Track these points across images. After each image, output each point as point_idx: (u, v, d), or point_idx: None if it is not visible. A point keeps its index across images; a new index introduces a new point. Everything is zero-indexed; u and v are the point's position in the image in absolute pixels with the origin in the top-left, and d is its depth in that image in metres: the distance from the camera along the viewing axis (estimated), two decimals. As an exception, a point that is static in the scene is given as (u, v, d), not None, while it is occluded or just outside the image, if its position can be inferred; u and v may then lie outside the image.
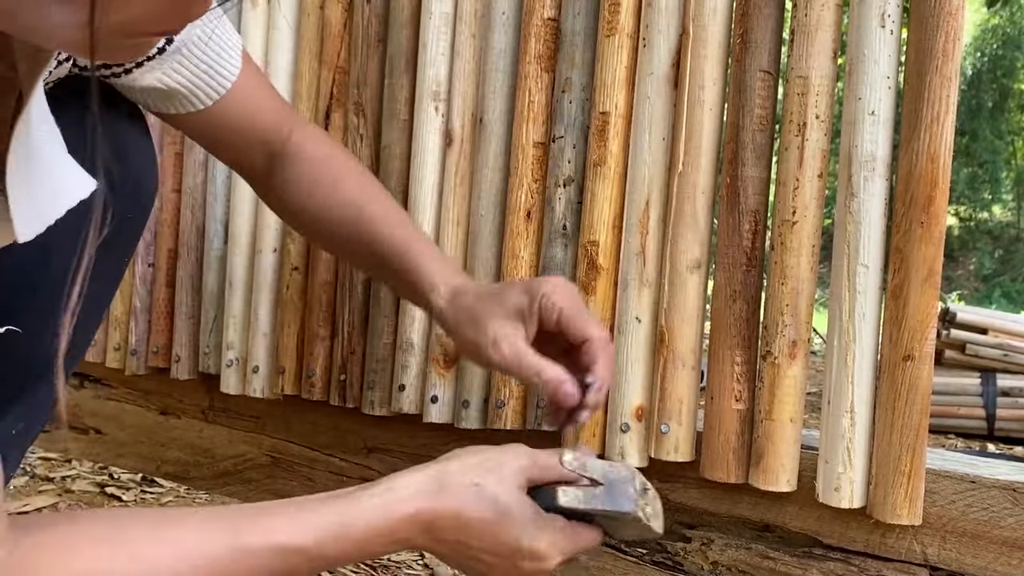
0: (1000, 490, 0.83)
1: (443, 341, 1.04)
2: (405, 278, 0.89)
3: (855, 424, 0.84)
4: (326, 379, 1.13)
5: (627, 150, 0.95)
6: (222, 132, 0.90)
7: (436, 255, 0.90)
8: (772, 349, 0.87)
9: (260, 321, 1.16)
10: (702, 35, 0.90)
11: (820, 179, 0.87)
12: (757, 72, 0.89)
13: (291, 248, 1.14)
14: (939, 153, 0.81)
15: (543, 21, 0.99)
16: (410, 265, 0.88)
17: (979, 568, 0.84)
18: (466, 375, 1.03)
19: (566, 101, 0.98)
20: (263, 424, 1.25)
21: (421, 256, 0.88)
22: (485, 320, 0.82)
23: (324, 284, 1.12)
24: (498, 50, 1.02)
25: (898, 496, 0.82)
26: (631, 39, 0.95)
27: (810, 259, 0.87)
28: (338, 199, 0.92)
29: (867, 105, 0.83)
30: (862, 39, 0.83)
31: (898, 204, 0.83)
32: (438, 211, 1.05)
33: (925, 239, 0.81)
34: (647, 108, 0.93)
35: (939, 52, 0.80)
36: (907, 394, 0.82)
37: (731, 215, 0.89)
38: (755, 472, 0.88)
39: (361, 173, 0.95)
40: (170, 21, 0.49)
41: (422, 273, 0.88)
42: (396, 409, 1.07)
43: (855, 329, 0.84)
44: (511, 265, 1.00)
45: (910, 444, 0.82)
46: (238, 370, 1.18)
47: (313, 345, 1.13)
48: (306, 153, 0.93)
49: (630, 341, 0.93)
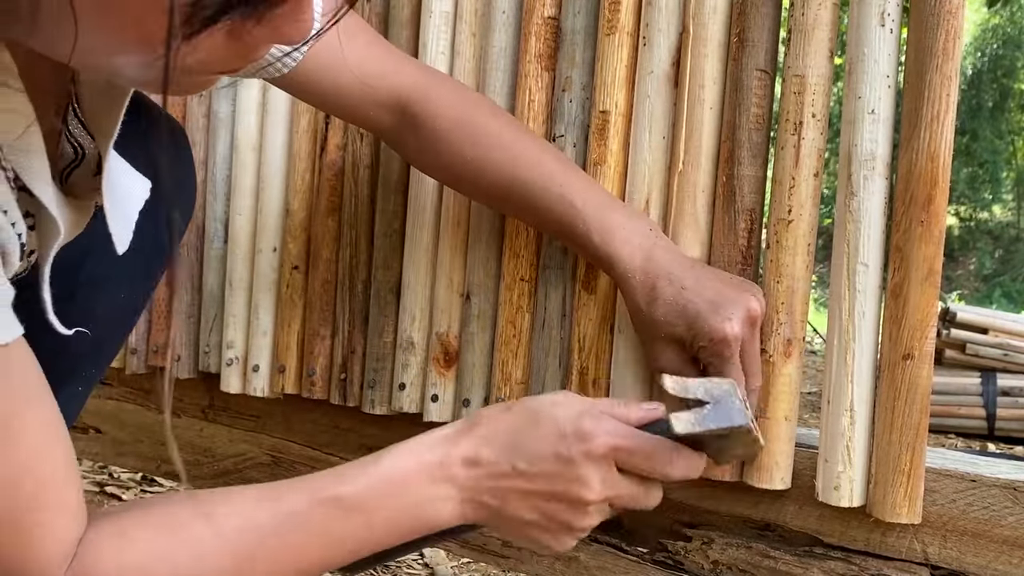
0: (1001, 489, 0.83)
1: (444, 340, 1.04)
2: (573, 234, 0.87)
3: (855, 423, 0.84)
4: (326, 378, 1.13)
5: (627, 149, 0.95)
6: (328, 96, 0.89)
7: (601, 201, 0.88)
8: (767, 347, 0.87)
9: (260, 320, 1.16)
10: (702, 34, 0.90)
11: (816, 178, 0.87)
12: (754, 71, 0.89)
13: (291, 247, 1.15)
14: (939, 152, 0.81)
15: (543, 20, 0.99)
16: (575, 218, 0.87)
17: (980, 567, 0.84)
18: (466, 374, 1.03)
19: (566, 100, 0.98)
20: (263, 423, 1.25)
21: (584, 207, 0.87)
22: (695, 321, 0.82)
23: (324, 283, 1.12)
24: (498, 49, 1.02)
25: (898, 495, 0.82)
26: (631, 38, 0.95)
27: (805, 258, 0.87)
28: (478, 167, 0.90)
29: (867, 104, 0.83)
30: (862, 38, 0.83)
31: (898, 203, 0.83)
32: (438, 210, 1.05)
33: (925, 238, 0.81)
34: (647, 107, 0.93)
35: (939, 51, 0.80)
36: (907, 393, 0.82)
37: (727, 214, 0.89)
38: (750, 470, 0.88)
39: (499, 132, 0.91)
40: (233, 63, 0.52)
41: (590, 223, 0.86)
42: (396, 408, 1.07)
43: (855, 328, 0.84)
44: (511, 265, 1.00)
45: (910, 443, 0.82)
46: (238, 369, 1.18)
47: (313, 344, 1.13)
48: (437, 120, 0.90)
49: (630, 340, 0.93)
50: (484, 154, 0.90)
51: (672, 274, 0.84)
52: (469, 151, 0.90)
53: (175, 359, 1.23)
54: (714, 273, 0.86)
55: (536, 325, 0.99)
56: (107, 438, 1.39)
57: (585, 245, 0.88)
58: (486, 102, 0.96)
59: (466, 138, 0.90)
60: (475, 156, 0.90)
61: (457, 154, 0.90)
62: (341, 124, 1.12)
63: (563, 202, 0.87)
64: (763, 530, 0.93)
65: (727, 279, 0.86)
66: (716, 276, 0.85)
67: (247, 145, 1.17)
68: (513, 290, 1.00)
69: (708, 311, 0.81)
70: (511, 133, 0.91)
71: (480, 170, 0.90)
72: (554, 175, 0.88)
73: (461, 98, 0.93)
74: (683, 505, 0.96)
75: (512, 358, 1.00)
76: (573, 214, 0.87)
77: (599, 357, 0.95)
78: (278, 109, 1.15)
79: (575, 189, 0.88)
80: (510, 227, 1.00)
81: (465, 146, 0.90)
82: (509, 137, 0.91)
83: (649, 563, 0.98)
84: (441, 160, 0.92)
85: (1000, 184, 12.55)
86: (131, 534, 0.62)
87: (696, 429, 0.67)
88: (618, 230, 0.86)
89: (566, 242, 0.93)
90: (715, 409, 0.68)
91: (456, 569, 1.44)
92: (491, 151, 0.90)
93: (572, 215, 0.87)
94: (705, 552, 0.95)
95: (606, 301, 0.95)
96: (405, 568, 1.41)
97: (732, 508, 0.94)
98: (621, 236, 0.86)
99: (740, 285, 0.85)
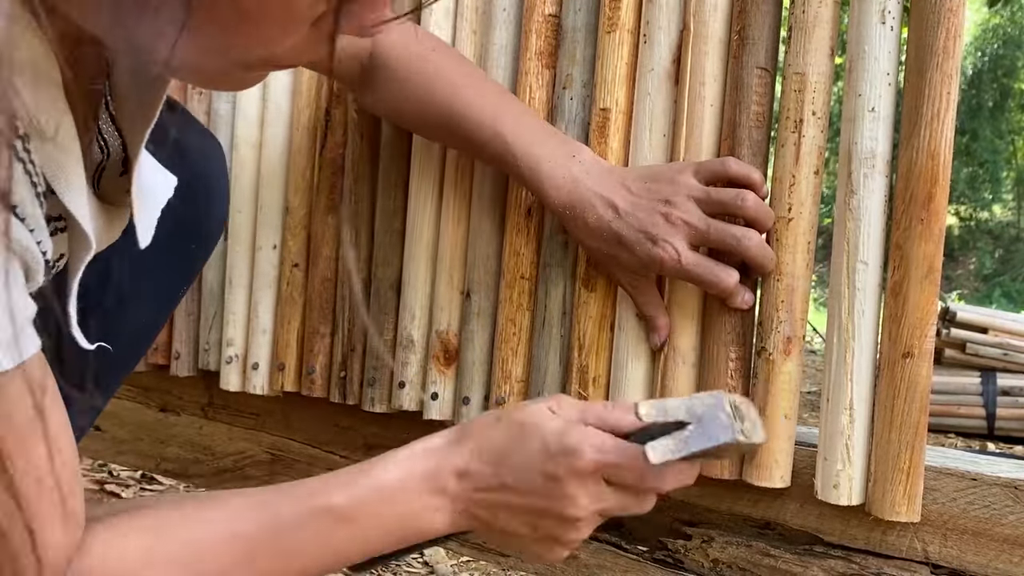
0: (1001, 488, 0.83)
1: (444, 338, 1.04)
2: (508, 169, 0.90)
3: (854, 421, 0.84)
4: (326, 376, 1.13)
5: (628, 147, 0.95)
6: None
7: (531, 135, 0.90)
8: (767, 345, 0.87)
9: (260, 318, 1.16)
10: (703, 31, 0.90)
11: (816, 176, 0.87)
12: (754, 69, 0.89)
13: (291, 245, 1.14)
14: (939, 150, 0.80)
15: (544, 17, 0.99)
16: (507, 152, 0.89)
17: (980, 566, 0.83)
18: (466, 372, 1.03)
19: (567, 97, 0.98)
20: (263, 421, 1.25)
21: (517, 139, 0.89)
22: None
23: (324, 281, 1.12)
24: (499, 46, 1.02)
25: (897, 493, 0.82)
26: (632, 35, 0.95)
27: (805, 256, 0.87)
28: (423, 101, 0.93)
29: (867, 102, 0.83)
30: (862, 35, 0.83)
31: (898, 201, 0.83)
32: (438, 208, 1.05)
33: (925, 236, 0.81)
34: (648, 104, 0.93)
35: (940, 49, 0.80)
36: (906, 391, 0.82)
37: (730, 212, 0.89)
38: (749, 468, 0.88)
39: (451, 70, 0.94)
40: (305, 55, 0.51)
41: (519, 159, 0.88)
42: (396, 406, 1.07)
43: (854, 326, 0.84)
44: (511, 263, 1.00)
45: (909, 441, 0.82)
46: (238, 367, 1.18)
47: (313, 342, 1.13)
48: (392, 62, 0.93)
49: (630, 338, 0.93)
50: (427, 86, 0.92)
51: (598, 200, 0.86)
52: (418, 91, 0.93)
53: (175, 357, 1.23)
54: (638, 179, 0.87)
55: (536, 323, 0.99)
56: (107, 436, 1.39)
57: (520, 180, 0.91)
58: (445, 47, 0.97)
59: (415, 77, 0.93)
60: (422, 95, 0.93)
61: (407, 93, 0.93)
62: (341, 121, 1.12)
63: (497, 138, 0.89)
64: (763, 528, 0.93)
65: (654, 184, 0.86)
66: (642, 189, 0.86)
67: (247, 142, 1.17)
68: (513, 288, 0.99)
69: (645, 239, 0.84)
70: (460, 70, 0.94)
71: (426, 109, 0.93)
72: (488, 109, 0.90)
73: (420, 40, 0.96)
74: (683, 503, 0.96)
75: (512, 356, 1.00)
76: (504, 149, 0.89)
77: (599, 355, 0.95)
78: (278, 106, 1.15)
79: (507, 124, 0.89)
80: (511, 225, 1.00)
81: (413, 86, 0.93)
82: (456, 73, 0.93)
83: (649, 561, 0.98)
84: (395, 100, 0.95)
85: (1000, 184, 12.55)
86: (123, 540, 0.62)
87: (676, 456, 0.63)
88: (544, 163, 0.88)
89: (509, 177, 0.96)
90: (698, 429, 0.64)
91: (456, 568, 1.44)
92: (435, 85, 0.92)
93: (504, 150, 0.89)
94: (705, 550, 0.95)
95: (606, 299, 0.95)
96: (405, 567, 1.41)
97: (732, 506, 0.94)
98: (546, 170, 0.88)
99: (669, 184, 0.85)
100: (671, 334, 0.91)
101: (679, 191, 0.84)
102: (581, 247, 0.93)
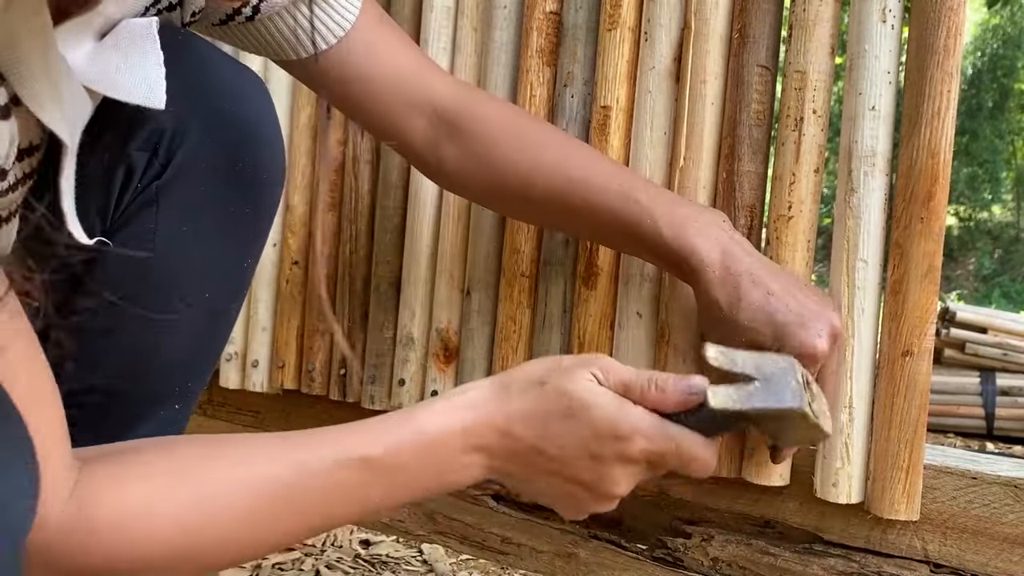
0: (1001, 486, 0.83)
1: (444, 336, 1.04)
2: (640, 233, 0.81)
3: (853, 419, 0.84)
4: (326, 373, 1.13)
5: (628, 145, 0.95)
6: (357, 87, 0.82)
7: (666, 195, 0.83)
8: (771, 344, 0.87)
9: (260, 315, 1.16)
10: (704, 29, 0.90)
11: (817, 174, 0.87)
12: (755, 67, 0.89)
13: (291, 242, 1.14)
14: (940, 149, 0.81)
15: (545, 15, 0.99)
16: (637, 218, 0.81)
17: (980, 564, 0.84)
18: (466, 370, 1.03)
19: (567, 95, 0.98)
20: (263, 419, 1.25)
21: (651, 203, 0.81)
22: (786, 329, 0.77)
23: (324, 278, 1.12)
24: (499, 44, 1.02)
25: (896, 492, 0.82)
26: (633, 33, 0.95)
27: (805, 254, 0.87)
28: (530, 171, 0.83)
29: (867, 100, 0.83)
30: (863, 34, 0.83)
31: (898, 199, 0.83)
32: (438, 206, 1.05)
33: (925, 234, 0.81)
34: (648, 103, 0.93)
35: (940, 48, 0.80)
36: (906, 390, 0.82)
37: (727, 210, 0.89)
38: (748, 466, 0.88)
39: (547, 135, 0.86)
40: None
41: (659, 223, 0.80)
42: (396, 404, 1.07)
43: (854, 324, 0.84)
44: (511, 260, 1.00)
45: (908, 440, 0.82)
46: (238, 364, 1.18)
47: (313, 339, 1.13)
48: (485, 123, 0.84)
49: (631, 336, 0.93)
50: (535, 157, 0.84)
51: (755, 275, 0.78)
52: (519, 155, 0.84)
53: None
54: (795, 280, 0.81)
55: (536, 321, 0.99)
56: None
57: (655, 243, 0.81)
58: (523, 110, 0.92)
59: (514, 141, 0.84)
60: (526, 160, 0.84)
61: (506, 158, 0.84)
62: (341, 119, 1.12)
63: (626, 200, 0.81)
64: (763, 527, 0.93)
65: (809, 289, 0.81)
66: (798, 284, 0.81)
67: (247, 140, 1.17)
68: (513, 286, 0.99)
69: (797, 324, 0.77)
70: (558, 136, 0.88)
71: (531, 175, 0.84)
72: (611, 174, 0.84)
73: (502, 104, 0.91)
74: (683, 502, 0.96)
75: (512, 354, 1.00)
76: (638, 211, 0.81)
77: (600, 353, 0.95)
78: (278, 104, 1.15)
79: (636, 186, 0.82)
80: (510, 223, 1.00)
81: (513, 150, 0.84)
82: (557, 140, 0.87)
83: (649, 560, 0.98)
84: (487, 168, 0.85)
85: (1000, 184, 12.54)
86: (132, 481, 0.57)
87: (736, 407, 0.60)
88: (690, 223, 0.80)
89: (629, 245, 0.87)
90: (764, 387, 0.60)
91: (454, 566, 1.44)
92: (543, 153, 0.84)
93: (637, 212, 0.81)
94: (705, 549, 0.95)
95: (606, 297, 0.95)
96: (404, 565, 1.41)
97: (732, 505, 0.94)
98: (694, 228, 0.80)
99: (822, 298, 0.81)
100: (672, 331, 0.91)
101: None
102: (706, 315, 0.82)
